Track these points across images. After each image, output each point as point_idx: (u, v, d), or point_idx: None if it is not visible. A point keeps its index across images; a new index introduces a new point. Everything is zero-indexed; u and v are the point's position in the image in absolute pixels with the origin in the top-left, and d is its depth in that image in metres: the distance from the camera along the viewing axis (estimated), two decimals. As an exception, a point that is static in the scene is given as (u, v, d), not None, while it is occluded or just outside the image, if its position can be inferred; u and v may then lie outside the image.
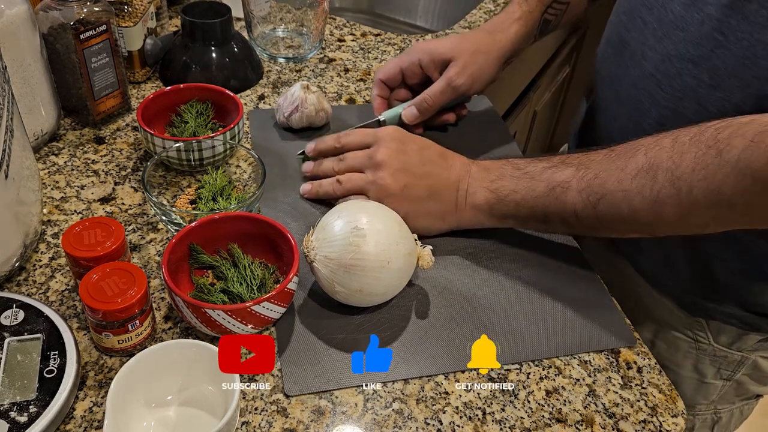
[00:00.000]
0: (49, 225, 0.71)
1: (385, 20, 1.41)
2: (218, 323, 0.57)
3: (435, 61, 0.82)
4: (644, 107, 0.72)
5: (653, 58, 0.70)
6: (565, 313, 0.66)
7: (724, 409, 0.87)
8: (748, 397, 0.86)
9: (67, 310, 0.63)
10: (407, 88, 0.87)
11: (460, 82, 0.80)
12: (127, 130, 0.85)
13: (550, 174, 0.64)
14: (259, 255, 0.66)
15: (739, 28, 0.61)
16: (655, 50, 0.69)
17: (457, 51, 0.81)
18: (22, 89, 0.74)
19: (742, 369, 0.81)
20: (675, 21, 0.67)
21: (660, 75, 0.69)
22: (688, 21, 0.65)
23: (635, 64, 0.72)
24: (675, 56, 0.67)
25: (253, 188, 0.73)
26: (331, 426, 0.55)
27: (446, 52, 0.81)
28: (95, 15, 0.77)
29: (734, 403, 0.87)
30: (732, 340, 0.78)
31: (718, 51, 0.63)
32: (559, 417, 0.58)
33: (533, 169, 0.66)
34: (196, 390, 0.56)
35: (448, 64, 0.81)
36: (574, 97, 1.86)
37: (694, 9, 0.64)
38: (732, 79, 0.62)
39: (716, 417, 0.88)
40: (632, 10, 0.73)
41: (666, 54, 0.68)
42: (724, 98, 0.63)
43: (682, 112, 0.67)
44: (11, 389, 0.52)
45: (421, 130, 0.86)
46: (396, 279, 0.62)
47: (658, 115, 0.70)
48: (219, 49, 0.91)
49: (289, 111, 0.84)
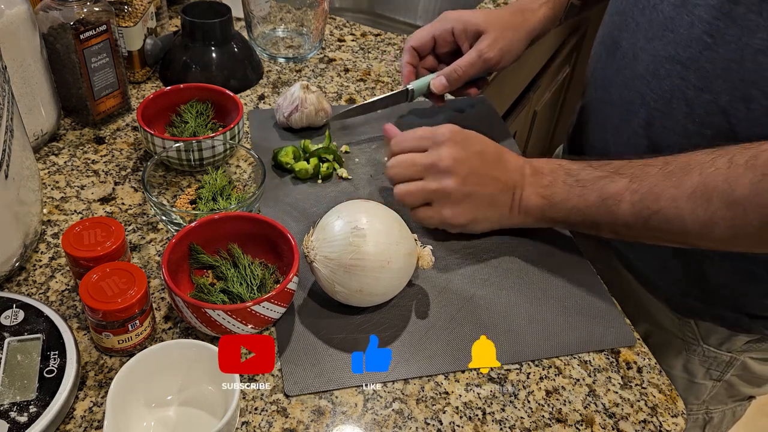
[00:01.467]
0: (49, 225, 0.71)
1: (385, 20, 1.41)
2: (218, 323, 0.57)
3: (468, 31, 0.82)
4: (634, 108, 0.72)
5: (644, 59, 0.70)
6: (565, 313, 0.66)
7: (716, 410, 0.87)
8: (740, 398, 0.86)
9: (67, 310, 0.63)
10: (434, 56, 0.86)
11: (491, 55, 0.80)
12: (127, 130, 0.85)
13: (603, 184, 0.63)
14: (259, 255, 0.66)
15: (727, 32, 0.61)
16: (646, 51, 0.69)
17: (490, 24, 0.81)
18: (22, 89, 0.74)
19: (732, 370, 0.81)
20: (665, 22, 0.67)
21: (650, 76, 0.69)
22: (678, 23, 0.65)
23: (627, 65, 0.72)
24: (665, 57, 0.67)
25: (253, 188, 0.73)
26: (331, 426, 0.55)
27: (480, 23, 0.81)
28: (95, 15, 0.77)
29: (726, 404, 0.87)
30: (721, 341, 0.78)
31: (706, 53, 0.63)
32: (559, 417, 0.58)
33: (586, 176, 0.65)
34: (196, 390, 0.56)
35: (479, 36, 0.81)
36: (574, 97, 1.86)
37: (684, 11, 0.65)
38: (719, 82, 0.62)
39: (708, 417, 0.88)
40: (625, 11, 0.73)
41: (656, 55, 0.68)
42: (712, 100, 0.64)
43: (670, 113, 0.67)
44: (11, 389, 0.52)
45: (442, 103, 0.86)
46: (396, 279, 0.62)
47: (647, 115, 0.70)
48: (219, 49, 0.91)
49: (289, 111, 0.84)
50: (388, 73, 1.00)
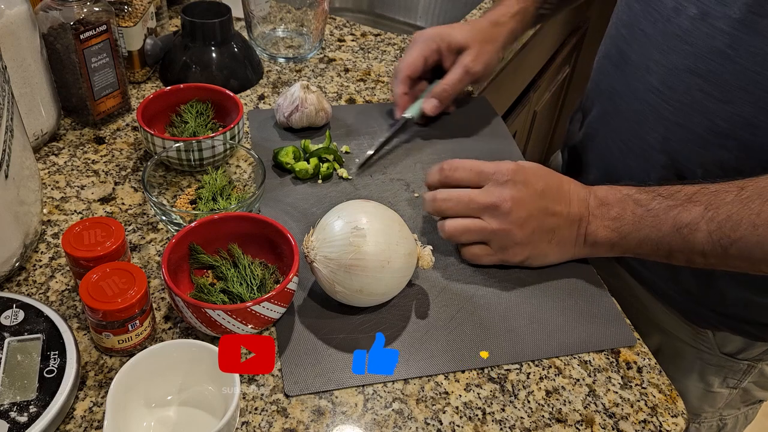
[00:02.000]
0: (49, 225, 0.71)
1: (385, 20, 1.41)
2: (218, 323, 0.57)
3: (451, 48, 0.82)
4: (648, 121, 0.70)
5: (658, 71, 0.68)
6: (565, 313, 0.66)
7: (730, 415, 0.87)
8: (752, 402, 0.86)
9: (67, 310, 0.63)
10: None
11: (478, 69, 0.81)
12: (127, 130, 0.85)
13: (676, 213, 0.61)
14: (259, 255, 0.66)
15: (751, 43, 0.60)
16: (660, 64, 0.68)
17: (471, 39, 0.82)
18: (22, 89, 0.74)
19: (749, 377, 0.81)
20: (681, 35, 0.65)
21: (665, 89, 0.68)
22: (696, 35, 0.64)
23: (638, 77, 0.71)
24: (682, 70, 0.66)
25: (253, 188, 0.73)
26: (331, 426, 0.55)
27: (461, 40, 0.82)
28: (95, 15, 0.77)
29: (739, 409, 0.87)
30: (738, 350, 0.78)
31: (728, 65, 0.62)
32: (559, 417, 0.58)
33: (657, 206, 0.62)
34: (196, 390, 0.56)
35: (460, 51, 0.82)
36: (574, 97, 1.86)
37: (702, 23, 0.63)
38: (742, 93, 0.62)
39: (722, 423, 0.88)
40: (633, 23, 0.72)
41: (672, 68, 0.67)
42: (735, 113, 0.63)
43: (689, 126, 0.66)
44: (11, 389, 0.52)
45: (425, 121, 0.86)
46: (396, 279, 0.62)
47: (664, 129, 0.69)
48: (219, 49, 0.91)
49: (289, 111, 0.84)
50: (388, 73, 1.00)
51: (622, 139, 0.75)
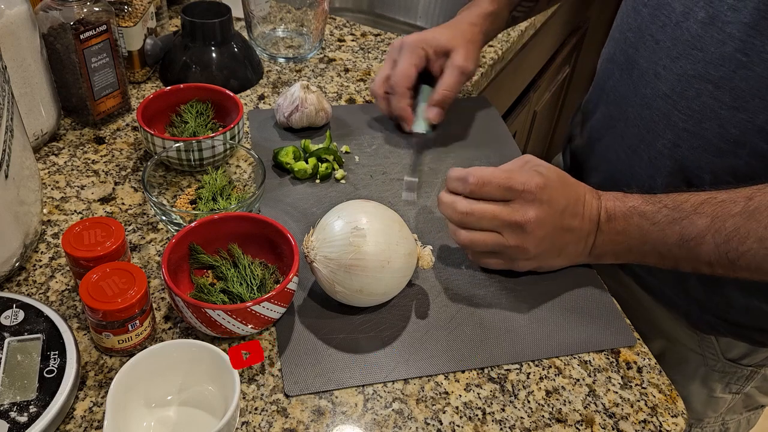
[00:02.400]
0: (49, 225, 0.71)
1: (385, 20, 1.41)
2: (218, 323, 0.57)
3: (438, 52, 0.82)
4: (658, 128, 0.70)
5: (668, 78, 0.68)
6: (565, 313, 0.66)
7: (732, 420, 0.87)
8: (755, 407, 0.86)
9: (67, 310, 0.63)
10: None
11: (472, 67, 0.82)
12: (127, 130, 0.85)
13: (682, 226, 0.61)
14: (259, 255, 0.66)
15: (763, 49, 0.59)
16: (670, 70, 0.67)
17: (455, 40, 0.82)
18: (22, 89, 0.74)
19: (752, 383, 0.81)
20: (692, 41, 0.64)
21: (676, 96, 0.67)
22: (707, 41, 0.63)
23: (646, 83, 0.70)
24: (693, 77, 0.65)
25: (253, 188, 0.73)
26: (331, 426, 0.55)
27: (446, 42, 0.82)
28: (95, 15, 0.77)
29: (741, 414, 0.87)
30: (742, 356, 0.78)
31: (740, 71, 0.61)
32: (559, 417, 0.58)
33: (663, 219, 0.62)
34: (196, 390, 0.56)
35: (447, 55, 0.82)
36: (574, 97, 1.86)
37: (713, 29, 0.62)
38: (756, 101, 0.61)
39: (724, 428, 0.88)
40: (641, 28, 0.71)
41: (682, 74, 0.66)
42: (748, 120, 0.62)
43: (700, 133, 0.66)
44: (11, 389, 0.52)
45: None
46: (396, 279, 0.62)
47: (674, 136, 0.68)
48: (219, 49, 0.91)
49: (289, 111, 0.84)
50: (388, 73, 1.00)
51: (629, 145, 0.75)
